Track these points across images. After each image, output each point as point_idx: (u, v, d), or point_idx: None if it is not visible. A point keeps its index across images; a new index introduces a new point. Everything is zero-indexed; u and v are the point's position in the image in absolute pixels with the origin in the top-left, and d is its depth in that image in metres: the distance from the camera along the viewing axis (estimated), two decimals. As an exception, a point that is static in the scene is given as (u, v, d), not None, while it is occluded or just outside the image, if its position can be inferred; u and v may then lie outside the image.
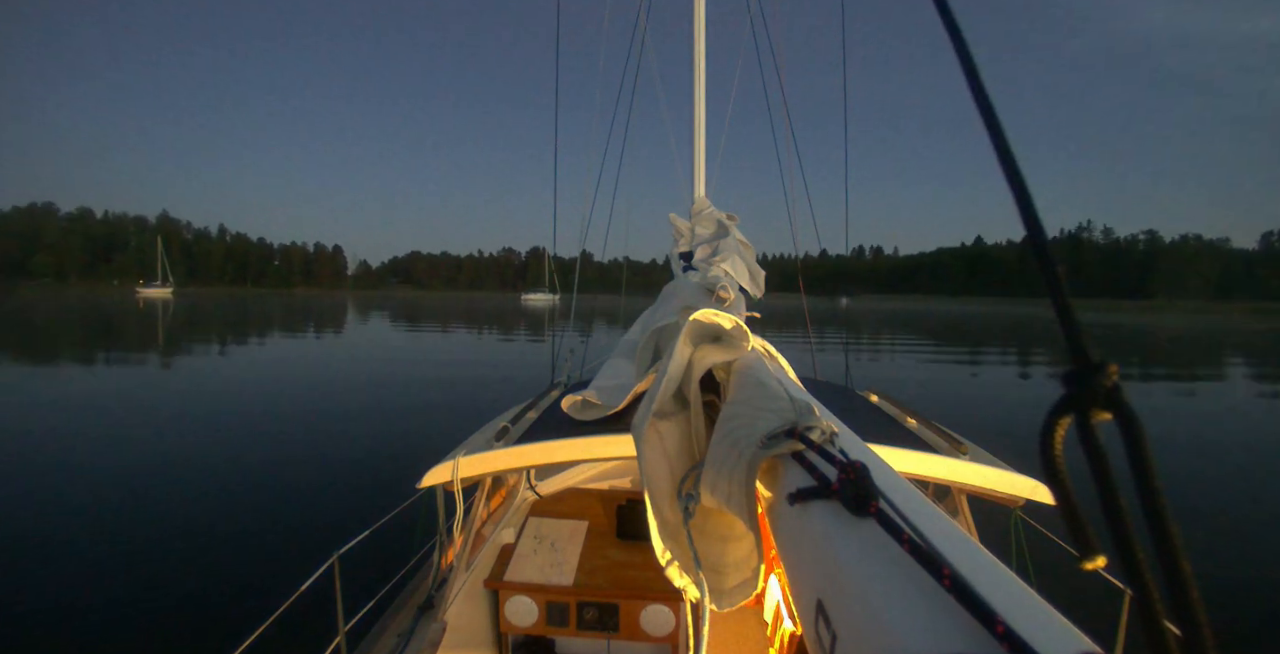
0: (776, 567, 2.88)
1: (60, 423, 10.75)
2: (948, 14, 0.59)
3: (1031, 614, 0.48)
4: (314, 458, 8.80)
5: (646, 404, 1.25)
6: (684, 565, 1.10)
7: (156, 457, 8.77)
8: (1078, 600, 1.23)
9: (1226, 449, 10.42)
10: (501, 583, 2.80)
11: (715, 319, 1.45)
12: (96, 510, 6.71)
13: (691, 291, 2.29)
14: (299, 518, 6.53)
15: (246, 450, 9.15)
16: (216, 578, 5.20)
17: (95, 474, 7.92)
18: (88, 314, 48.28)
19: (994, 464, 2.21)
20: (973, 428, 2.81)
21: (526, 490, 3.79)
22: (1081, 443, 0.43)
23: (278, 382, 16.15)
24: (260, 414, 11.79)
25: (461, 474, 2.22)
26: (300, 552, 5.43)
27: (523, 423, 2.62)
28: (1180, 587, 0.37)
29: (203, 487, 7.50)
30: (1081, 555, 0.44)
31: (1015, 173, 0.50)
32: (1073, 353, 0.44)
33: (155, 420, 11.06)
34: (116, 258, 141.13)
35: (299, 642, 2.51)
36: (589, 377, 3.03)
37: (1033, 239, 0.49)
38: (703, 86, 4.62)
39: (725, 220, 3.56)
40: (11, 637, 4.40)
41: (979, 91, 0.53)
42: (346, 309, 66.54)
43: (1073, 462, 0.45)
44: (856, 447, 0.95)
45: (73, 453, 8.86)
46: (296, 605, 2.28)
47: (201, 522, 6.41)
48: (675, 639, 2.75)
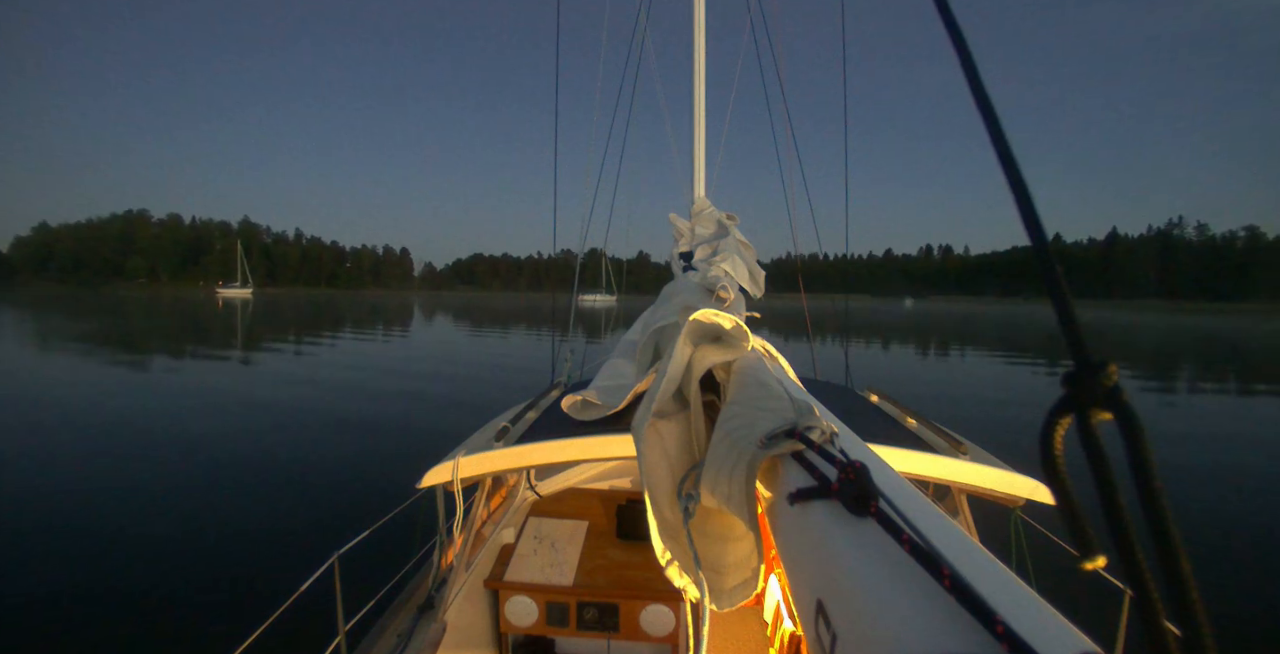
0: (776, 567, 2.88)
1: (61, 417, 10.77)
2: (948, 14, 0.59)
3: (1031, 614, 0.48)
4: (314, 458, 8.80)
5: (646, 404, 1.25)
6: (684, 565, 1.10)
7: (155, 457, 8.77)
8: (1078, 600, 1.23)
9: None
10: (501, 583, 2.80)
11: (715, 319, 1.45)
12: (96, 508, 6.71)
13: (691, 292, 2.29)
14: (299, 518, 6.53)
15: (246, 451, 9.14)
16: (216, 578, 5.20)
17: (95, 475, 7.92)
18: (165, 311, 52.14)
19: (994, 464, 2.20)
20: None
21: (526, 490, 3.79)
22: (1082, 443, 0.43)
23: (294, 382, 16.17)
24: (260, 415, 11.79)
25: (461, 474, 2.22)
26: (300, 552, 5.43)
27: (523, 423, 2.62)
28: (1180, 587, 0.37)
29: (202, 486, 7.50)
30: (1081, 555, 0.44)
31: (1015, 172, 0.50)
32: (1073, 353, 0.44)
33: (155, 420, 11.06)
34: (203, 260, 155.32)
35: (299, 642, 2.51)
36: (589, 377, 3.03)
37: (1033, 239, 0.49)
38: (703, 86, 4.62)
39: (725, 220, 3.56)
40: (11, 636, 4.40)
41: (979, 91, 0.53)
42: (411, 309, 69.98)
43: (1073, 462, 0.45)
44: (856, 447, 0.95)
45: (71, 452, 8.86)
46: (296, 605, 2.28)
47: (201, 521, 6.41)
48: (675, 639, 2.75)
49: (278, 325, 39.15)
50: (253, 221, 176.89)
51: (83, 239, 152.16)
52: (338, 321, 42.93)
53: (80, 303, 66.44)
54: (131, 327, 36.75)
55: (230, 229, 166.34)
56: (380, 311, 60.78)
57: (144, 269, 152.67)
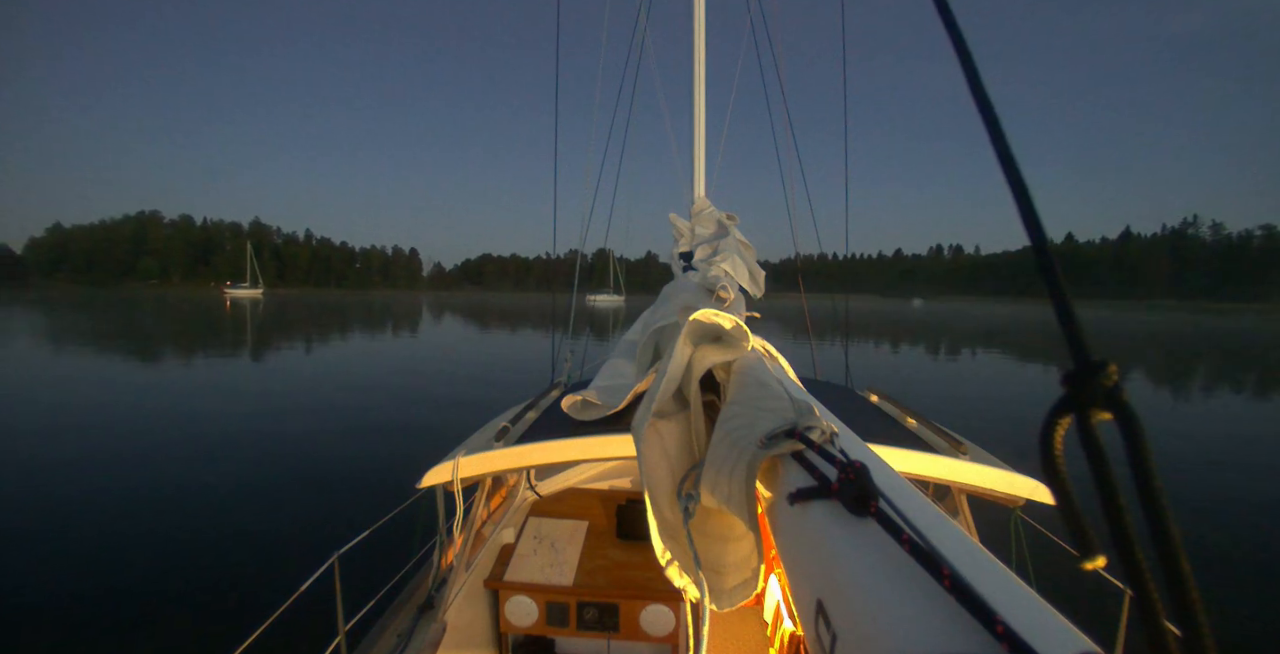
0: (776, 567, 2.88)
1: (61, 418, 10.78)
2: (947, 13, 0.59)
3: (1031, 614, 0.48)
4: (314, 458, 8.80)
5: (646, 404, 1.25)
6: (684, 565, 1.10)
7: (156, 457, 8.77)
8: (1078, 600, 1.23)
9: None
10: (501, 583, 2.80)
11: (715, 319, 1.45)
12: (96, 509, 6.71)
13: (691, 292, 2.29)
14: (299, 518, 6.53)
15: (246, 451, 9.15)
16: (217, 578, 5.20)
17: (95, 474, 7.92)
18: (172, 311, 52.73)
19: (994, 464, 2.20)
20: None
21: (526, 490, 3.79)
22: (1082, 443, 0.43)
23: (298, 381, 16.18)
24: (261, 415, 11.80)
25: (461, 474, 2.22)
26: (300, 552, 5.43)
27: (523, 423, 2.62)
28: (1180, 587, 0.37)
29: (202, 486, 7.50)
30: (1081, 555, 0.44)
31: (1014, 172, 0.50)
32: (1073, 353, 0.44)
33: (154, 421, 11.06)
34: (214, 261, 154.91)
35: (299, 642, 2.52)
36: (589, 377, 3.03)
37: (1033, 239, 0.49)
38: (703, 86, 4.62)
39: (725, 220, 3.56)
40: (12, 635, 4.40)
41: (979, 91, 0.53)
42: (420, 309, 70.25)
43: (1073, 462, 0.45)
44: (856, 447, 0.95)
45: (71, 452, 8.86)
46: (296, 605, 2.28)
47: (201, 521, 6.41)
48: (675, 639, 2.75)
49: (286, 326, 39.37)
50: (263, 222, 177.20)
51: (96, 240, 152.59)
52: (345, 322, 43.19)
53: (91, 303, 67.27)
54: (136, 327, 36.94)
55: (241, 230, 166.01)
56: (387, 312, 61.25)
57: (156, 270, 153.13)
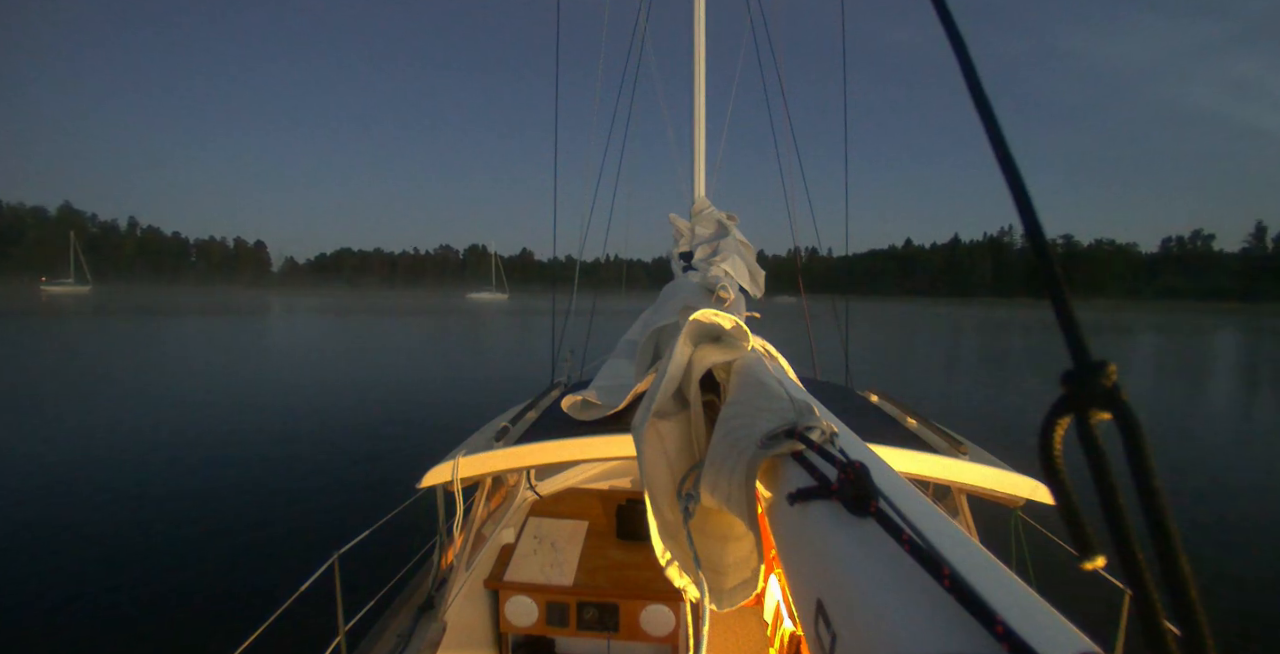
0: (776, 567, 2.88)
1: (49, 428, 10.76)
2: (946, 13, 0.59)
3: (1031, 614, 0.48)
4: (314, 458, 8.80)
5: (646, 404, 1.25)
6: (684, 565, 1.10)
7: (156, 457, 8.77)
8: (1078, 600, 1.23)
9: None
10: (501, 583, 2.80)
11: (715, 319, 1.45)
12: (96, 511, 6.71)
13: (691, 292, 2.29)
14: (299, 518, 6.53)
15: (245, 451, 9.14)
16: (217, 577, 5.20)
17: (94, 474, 7.91)
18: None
19: (994, 464, 2.20)
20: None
21: (526, 490, 3.78)
22: (1081, 443, 0.43)
23: (275, 383, 16.16)
24: (259, 415, 11.79)
25: (461, 474, 2.22)
26: (300, 552, 5.43)
27: (523, 423, 2.62)
28: (1180, 587, 0.37)
29: (202, 487, 7.50)
30: (1081, 555, 0.44)
31: (1014, 171, 0.50)
32: (1072, 353, 0.44)
33: (153, 420, 11.07)
34: (13, 252, 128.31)
35: (299, 642, 2.51)
36: (589, 377, 3.03)
37: (1033, 239, 0.49)
38: (703, 87, 4.62)
39: (725, 220, 3.57)
40: (12, 635, 4.40)
41: (978, 91, 0.53)
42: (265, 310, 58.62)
43: (1073, 462, 0.45)
44: (856, 447, 0.95)
45: (72, 454, 8.86)
46: (296, 605, 2.28)
47: (201, 522, 6.41)
48: (675, 639, 2.75)
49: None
50: (75, 208, 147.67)
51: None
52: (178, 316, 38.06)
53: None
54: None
55: (46, 215, 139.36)
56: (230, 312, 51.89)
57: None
